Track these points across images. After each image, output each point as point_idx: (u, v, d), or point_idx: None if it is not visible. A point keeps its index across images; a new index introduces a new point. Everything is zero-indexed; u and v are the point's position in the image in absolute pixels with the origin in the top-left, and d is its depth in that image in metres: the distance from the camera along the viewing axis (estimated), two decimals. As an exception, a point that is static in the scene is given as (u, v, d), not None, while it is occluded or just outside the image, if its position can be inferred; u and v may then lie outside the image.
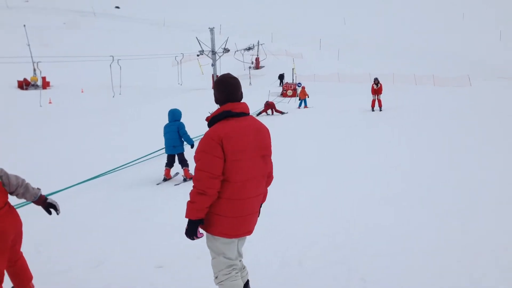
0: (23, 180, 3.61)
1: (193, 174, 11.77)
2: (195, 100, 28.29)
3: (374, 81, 21.04)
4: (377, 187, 7.64)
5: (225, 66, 49.64)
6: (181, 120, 9.05)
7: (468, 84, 36.34)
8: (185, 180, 8.98)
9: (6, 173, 3.54)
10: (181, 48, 49.45)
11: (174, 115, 8.96)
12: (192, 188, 3.18)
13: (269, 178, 3.51)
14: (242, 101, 3.37)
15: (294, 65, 46.16)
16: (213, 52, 45.35)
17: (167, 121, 9.03)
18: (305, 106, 28.35)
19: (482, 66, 46.91)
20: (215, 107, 3.44)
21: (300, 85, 36.85)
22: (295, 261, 4.74)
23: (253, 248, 4.94)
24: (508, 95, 25.29)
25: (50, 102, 27.23)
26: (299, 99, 29.69)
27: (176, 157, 8.96)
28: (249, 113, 3.39)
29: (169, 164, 9.05)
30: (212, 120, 3.28)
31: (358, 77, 42.51)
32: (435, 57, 53.61)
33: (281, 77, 47.00)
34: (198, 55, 45.27)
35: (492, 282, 4.03)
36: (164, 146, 9.10)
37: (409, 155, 10.22)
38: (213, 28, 45.79)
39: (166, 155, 9.14)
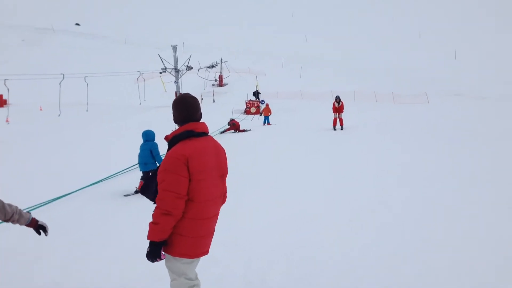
0: (16, 207, 3.59)
1: None
2: (155, 118, 28.00)
3: (336, 99, 20.48)
4: (338, 204, 7.66)
5: (189, 84, 49.59)
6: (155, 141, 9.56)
7: (426, 101, 37.41)
8: (136, 192, 9.44)
9: (1, 201, 3.51)
10: (143, 65, 49.08)
11: (148, 136, 9.55)
12: (155, 209, 3.10)
13: (224, 197, 3.55)
14: (201, 120, 3.38)
15: (258, 83, 46.47)
16: (176, 70, 45.18)
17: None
18: (268, 123, 28.47)
19: (439, 83, 48.43)
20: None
21: (263, 102, 37.05)
22: (258, 279, 4.68)
23: (217, 266, 4.91)
24: (464, 111, 26.16)
25: (7, 121, 26.32)
26: (263, 116, 29.83)
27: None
28: (208, 133, 3.40)
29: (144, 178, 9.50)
30: (173, 140, 3.24)
31: (320, 95, 43.13)
32: (394, 75, 55.06)
33: (256, 94, 46.11)
34: (160, 73, 44.95)
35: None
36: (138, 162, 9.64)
37: (371, 172, 10.32)
38: (176, 45, 45.70)
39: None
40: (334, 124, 20.47)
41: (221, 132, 23.26)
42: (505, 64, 54.70)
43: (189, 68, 45.64)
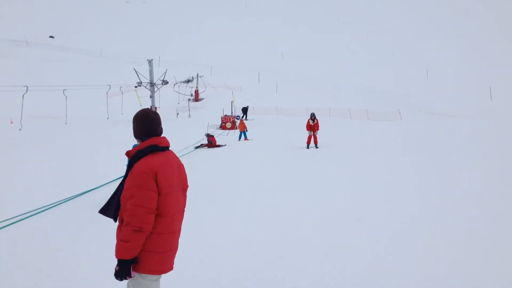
0: None
1: None
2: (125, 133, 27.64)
3: (311, 117, 19.92)
4: (309, 223, 7.71)
5: (164, 98, 49.39)
6: None
7: (398, 119, 38.03)
8: None
9: None
10: (119, 79, 48.72)
11: None
12: (124, 226, 3.04)
13: (183, 212, 3.53)
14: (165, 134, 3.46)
15: (234, 98, 46.53)
16: (152, 84, 44.98)
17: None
18: (245, 138, 28.52)
19: (411, 101, 49.36)
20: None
21: (239, 117, 37.17)
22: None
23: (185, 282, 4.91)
24: (435, 129, 26.72)
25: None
26: (239, 131, 29.89)
27: None
28: (169, 147, 3.42)
29: None
30: (137, 154, 3.20)
31: (295, 111, 43.44)
32: (368, 92, 55.88)
33: (245, 110, 44.85)
34: (136, 87, 44.68)
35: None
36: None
37: (345, 191, 10.43)
38: (152, 60, 45.52)
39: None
40: (308, 142, 19.87)
41: (196, 147, 23.19)
42: (477, 83, 56.14)
43: (165, 82, 45.51)
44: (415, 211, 8.08)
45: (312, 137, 19.86)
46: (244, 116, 44.25)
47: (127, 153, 3.28)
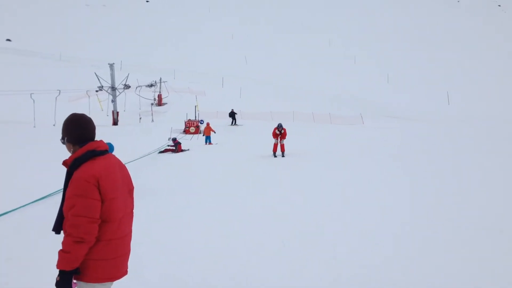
0: None
1: None
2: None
3: (278, 128, 18.82)
4: (268, 233, 7.66)
5: (126, 103, 48.60)
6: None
7: (360, 122, 38.67)
8: None
9: None
10: (79, 83, 47.71)
11: (110, 149, 10.45)
12: (65, 237, 2.91)
13: (132, 214, 3.40)
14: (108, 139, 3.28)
15: (197, 102, 46.20)
16: (113, 88, 44.30)
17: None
18: (210, 143, 28.34)
19: (373, 106, 50.33)
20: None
21: (202, 122, 36.86)
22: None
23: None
24: (396, 133, 27.24)
25: None
26: (204, 136, 29.70)
27: None
28: (108, 151, 3.26)
29: None
30: (75, 163, 3.03)
31: (260, 115, 43.53)
32: (331, 97, 56.65)
33: (232, 114, 42.10)
34: (97, 91, 43.89)
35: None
36: None
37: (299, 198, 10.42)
38: (113, 63, 44.87)
39: None
40: (275, 150, 18.90)
41: (160, 152, 22.84)
42: (435, 87, 57.77)
43: (126, 86, 44.93)
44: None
45: (279, 145, 18.86)
46: (233, 121, 41.74)
47: (64, 163, 3.09)
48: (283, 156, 18.42)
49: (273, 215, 8.38)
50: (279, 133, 18.61)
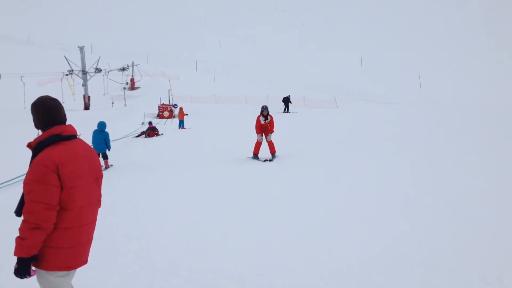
0: None
1: (111, 164, 13.14)
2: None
3: (262, 112, 13.14)
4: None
5: (99, 87, 47.67)
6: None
7: (335, 106, 38.90)
8: (105, 168, 12.21)
9: None
10: (48, 67, 46.50)
11: (102, 126, 12.59)
12: (22, 223, 2.81)
13: (99, 202, 3.30)
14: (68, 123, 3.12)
15: (171, 87, 45.71)
16: (84, 72, 43.42)
17: None
18: (183, 127, 28.16)
19: (346, 89, 50.66)
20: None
21: (176, 106, 36.56)
22: (159, 285, 4.56)
23: (117, 274, 4.78)
24: (370, 115, 27.42)
25: None
26: (178, 120, 29.55)
27: (101, 154, 12.29)
28: (77, 136, 3.16)
29: None
30: (38, 146, 2.93)
31: (234, 99, 43.38)
32: (305, 81, 56.76)
33: (286, 100, 36.81)
34: (67, 75, 42.89)
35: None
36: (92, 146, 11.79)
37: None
38: (83, 46, 43.92)
39: None
40: (256, 151, 13.12)
41: (137, 136, 22.67)
42: (408, 71, 58.40)
43: (98, 70, 44.02)
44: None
45: (266, 143, 13.17)
46: (286, 108, 36.64)
47: (29, 145, 2.98)
48: (272, 158, 12.85)
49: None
50: (265, 121, 13.03)
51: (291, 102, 36.94)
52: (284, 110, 36.37)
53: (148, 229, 6.44)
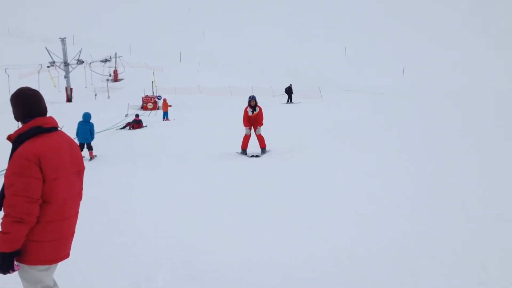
0: None
1: (96, 155, 12.98)
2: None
3: (249, 102, 12.07)
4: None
5: (81, 79, 47.17)
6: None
7: (319, 96, 38.97)
8: (90, 159, 12.46)
9: None
10: (30, 58, 45.86)
11: (87, 117, 12.88)
12: (3, 217, 2.77)
13: (80, 195, 3.26)
14: (48, 115, 3.05)
15: (155, 78, 45.40)
16: (66, 64, 42.92)
17: None
18: (167, 118, 28.05)
19: (330, 79, 50.83)
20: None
21: (160, 98, 36.36)
22: (144, 280, 4.52)
23: (101, 268, 4.72)
24: (354, 105, 27.50)
25: None
26: (162, 112, 29.44)
27: (86, 145, 12.64)
28: (58, 128, 3.11)
29: (81, 149, 11.62)
30: (18, 138, 2.88)
31: (219, 90, 43.24)
32: (290, 71, 56.77)
33: (289, 90, 35.95)
34: (48, 67, 42.38)
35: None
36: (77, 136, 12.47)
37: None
38: (65, 38, 43.37)
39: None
40: (245, 146, 12.07)
41: (121, 128, 22.53)
42: (391, 61, 58.79)
43: (80, 62, 43.54)
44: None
45: (255, 137, 12.17)
46: (289, 99, 35.96)
47: (9, 137, 2.93)
48: (263, 153, 12.00)
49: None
50: (253, 112, 11.99)
51: (292, 93, 35.95)
52: (288, 100, 35.59)
53: (136, 223, 6.39)
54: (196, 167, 10.63)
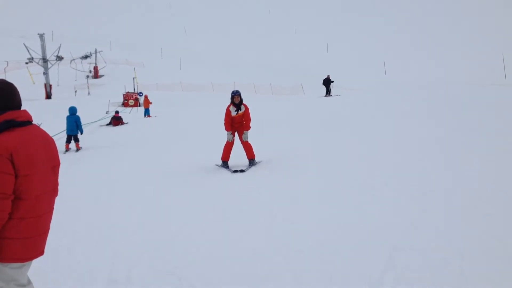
0: None
1: (81, 146, 13.76)
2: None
3: (233, 99, 9.06)
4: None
5: (60, 75, 46.53)
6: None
7: (301, 92, 39.09)
8: (77, 150, 13.34)
9: None
10: (7, 55, 45.07)
11: (73, 110, 13.64)
12: None
13: (56, 191, 3.18)
14: (22, 108, 2.95)
15: (136, 74, 45.03)
16: (45, 60, 42.29)
17: None
18: (148, 115, 27.83)
19: (312, 75, 50.93)
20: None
21: (141, 94, 36.07)
22: (123, 277, 4.44)
23: (79, 265, 4.65)
24: (336, 101, 27.49)
25: None
26: (144, 108, 29.21)
27: (73, 137, 13.48)
28: (32, 122, 3.01)
29: (68, 141, 13.48)
30: None
31: (200, 86, 43.10)
32: (272, 68, 56.80)
33: (327, 82, 31.84)
34: (27, 63, 41.73)
35: None
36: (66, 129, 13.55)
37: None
38: (44, 34, 42.73)
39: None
40: (226, 157, 9.17)
41: (107, 125, 22.40)
42: (373, 57, 59.14)
43: (59, 58, 42.91)
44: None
45: (242, 145, 9.22)
46: (328, 92, 31.95)
47: None
48: (250, 165, 9.05)
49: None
50: (237, 112, 9.06)
51: (332, 81, 31.86)
52: (326, 93, 31.63)
53: (112, 219, 6.33)
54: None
